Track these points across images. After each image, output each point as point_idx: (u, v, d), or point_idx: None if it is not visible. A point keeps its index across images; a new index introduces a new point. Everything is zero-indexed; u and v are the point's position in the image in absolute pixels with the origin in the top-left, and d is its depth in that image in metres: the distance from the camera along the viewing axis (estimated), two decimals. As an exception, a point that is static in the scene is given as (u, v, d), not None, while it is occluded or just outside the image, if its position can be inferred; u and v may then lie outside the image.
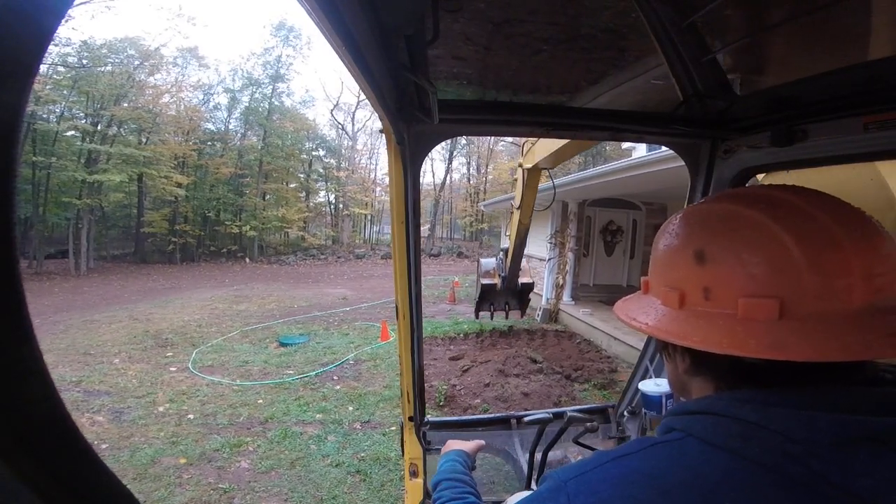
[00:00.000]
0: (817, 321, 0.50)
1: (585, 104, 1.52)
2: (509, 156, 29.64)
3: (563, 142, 4.79)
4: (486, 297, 7.64)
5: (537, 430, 1.63)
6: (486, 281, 7.41)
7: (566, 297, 10.84)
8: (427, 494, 1.92)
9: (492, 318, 7.96)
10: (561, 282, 10.94)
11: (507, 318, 8.33)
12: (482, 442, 1.37)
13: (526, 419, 1.70)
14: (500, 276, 7.35)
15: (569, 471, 0.58)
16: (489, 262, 7.58)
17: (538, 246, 12.19)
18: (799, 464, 0.47)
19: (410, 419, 1.95)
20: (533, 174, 6.07)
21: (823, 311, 0.50)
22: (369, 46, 0.78)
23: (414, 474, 1.94)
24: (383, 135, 1.30)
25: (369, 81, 0.82)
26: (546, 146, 5.33)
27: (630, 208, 11.51)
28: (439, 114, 1.10)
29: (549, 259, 11.23)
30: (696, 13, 1.16)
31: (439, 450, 2.06)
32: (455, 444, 1.33)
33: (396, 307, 1.71)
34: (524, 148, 6.05)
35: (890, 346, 0.48)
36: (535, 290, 12.22)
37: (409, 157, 1.36)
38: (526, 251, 13.57)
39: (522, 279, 7.43)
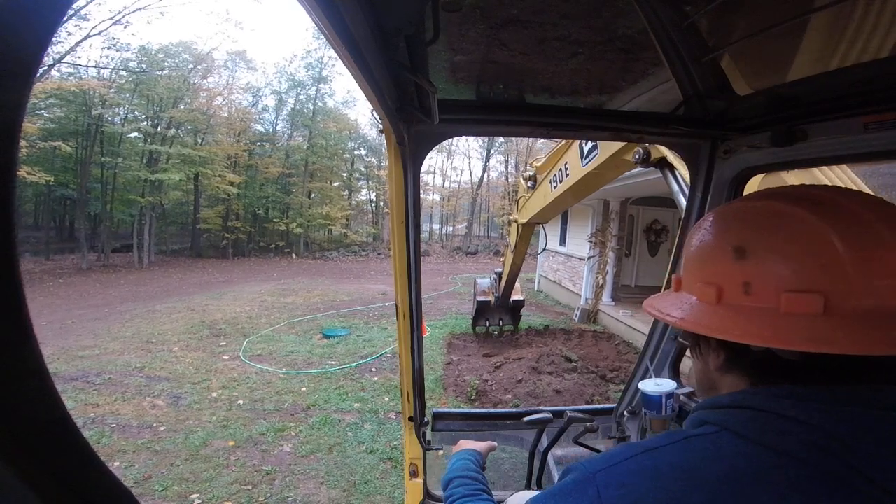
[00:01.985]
0: (861, 317, 0.50)
1: (589, 105, 1.52)
2: (548, 152, 29.13)
3: (555, 197, 4.97)
4: (482, 313, 8.65)
5: (537, 430, 1.64)
6: (481, 298, 8.32)
7: (606, 297, 10.62)
8: (427, 494, 1.95)
9: (487, 331, 8.82)
10: (601, 282, 10.72)
11: (500, 334, 8.94)
12: (494, 444, 1.36)
13: (526, 419, 1.69)
14: (493, 294, 8.25)
15: (596, 462, 0.58)
16: (484, 282, 8.52)
17: (577, 245, 11.99)
18: (836, 459, 0.47)
19: (410, 419, 1.93)
20: (527, 228, 6.45)
21: (868, 308, 0.50)
22: (369, 46, 0.78)
23: (414, 474, 1.94)
24: (383, 135, 1.30)
25: (369, 81, 0.83)
26: (539, 202, 5.56)
27: (676, 207, 11.08)
28: (439, 114, 1.12)
29: (589, 258, 11.02)
30: (696, 13, 1.16)
31: (440, 449, 2.11)
32: (467, 444, 1.31)
33: (396, 307, 1.70)
34: (519, 203, 6.39)
35: None
36: (573, 289, 12.10)
37: (409, 157, 1.36)
38: (565, 250, 13.39)
39: (514, 296, 8.25)
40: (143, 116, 21.64)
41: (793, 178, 1.57)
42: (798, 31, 1.14)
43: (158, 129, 21.37)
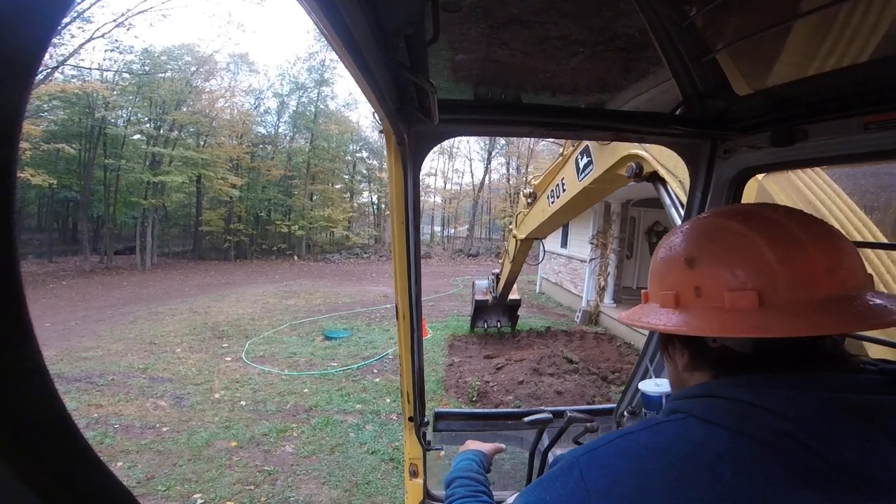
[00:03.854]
0: (792, 308, 0.58)
1: (587, 104, 1.53)
2: (550, 155, 29.16)
3: (553, 212, 5.06)
4: (480, 314, 8.93)
5: (538, 430, 1.64)
6: (479, 297, 8.62)
7: (608, 299, 10.61)
8: (427, 494, 1.95)
9: (485, 331, 9.11)
10: (602, 284, 10.71)
11: (499, 333, 9.17)
12: (501, 445, 1.36)
13: (526, 419, 1.70)
14: (491, 294, 8.54)
15: (579, 450, 0.65)
16: (482, 284, 8.83)
17: (579, 247, 11.98)
18: (790, 438, 0.53)
19: (410, 419, 1.94)
20: (525, 242, 6.61)
21: (796, 299, 0.59)
22: (369, 46, 0.79)
23: (414, 474, 1.94)
24: (384, 136, 1.30)
25: (369, 81, 0.84)
26: (537, 218, 5.65)
27: (676, 208, 11.08)
28: (439, 114, 1.12)
29: (591, 260, 11.02)
30: (696, 13, 1.16)
31: (440, 449, 2.11)
32: (473, 445, 1.32)
33: (396, 307, 1.70)
34: (517, 219, 6.52)
35: (856, 323, 0.57)
36: (574, 291, 12.09)
37: (409, 157, 1.36)
38: (566, 252, 13.43)
39: (511, 296, 8.53)
40: (146, 119, 21.67)
41: (792, 178, 1.57)
42: (798, 31, 1.15)
43: (161, 131, 21.41)
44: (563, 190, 4.76)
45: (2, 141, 0.21)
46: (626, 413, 2.03)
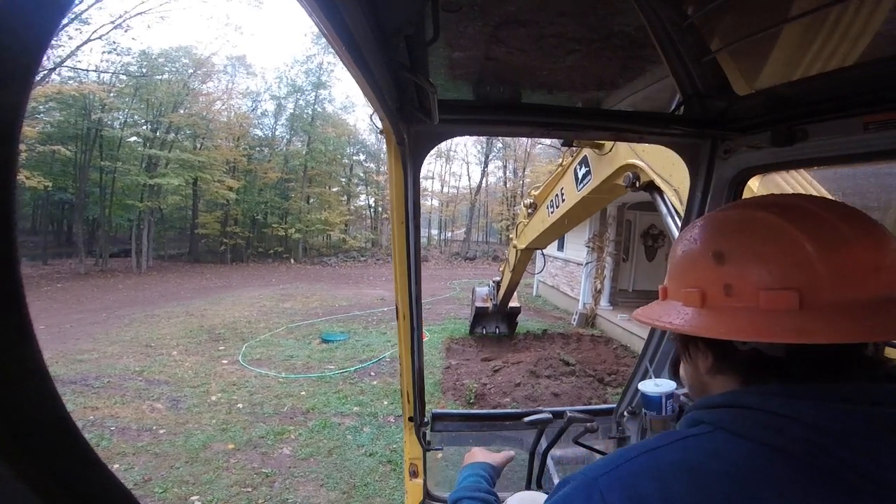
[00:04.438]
0: (836, 309, 0.53)
1: (590, 104, 1.53)
2: (547, 158, 29.25)
3: (553, 222, 5.12)
4: (480, 320, 9.03)
5: (537, 430, 1.64)
6: (479, 304, 8.71)
7: (604, 302, 10.65)
8: (427, 494, 1.94)
9: (483, 334, 9.18)
10: (599, 287, 10.75)
11: (496, 335, 9.21)
12: (511, 453, 1.28)
13: (526, 419, 1.69)
14: (492, 301, 8.64)
15: (596, 468, 0.58)
16: (482, 291, 8.96)
17: (575, 250, 12.02)
18: (828, 454, 0.49)
19: (410, 419, 1.93)
20: (526, 252, 6.72)
21: (840, 300, 0.53)
22: (369, 46, 0.78)
23: (414, 474, 1.93)
24: (383, 137, 1.30)
25: (369, 81, 0.84)
26: (537, 227, 5.78)
27: (672, 211, 11.14)
28: (439, 114, 1.12)
29: (587, 263, 11.06)
30: (696, 13, 1.17)
31: (440, 450, 2.11)
32: (479, 455, 1.21)
33: (396, 308, 1.69)
34: (518, 229, 6.70)
35: None
36: (571, 293, 12.11)
37: (409, 157, 1.36)
38: (563, 255, 13.50)
39: (511, 303, 8.64)
40: (143, 121, 21.56)
41: (791, 178, 1.59)
42: (798, 31, 1.16)
43: (158, 133, 21.32)
44: (563, 200, 4.81)
45: (2, 141, 0.21)
46: (625, 413, 2.02)
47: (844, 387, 0.54)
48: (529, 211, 5.95)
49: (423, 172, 1.52)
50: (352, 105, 30.46)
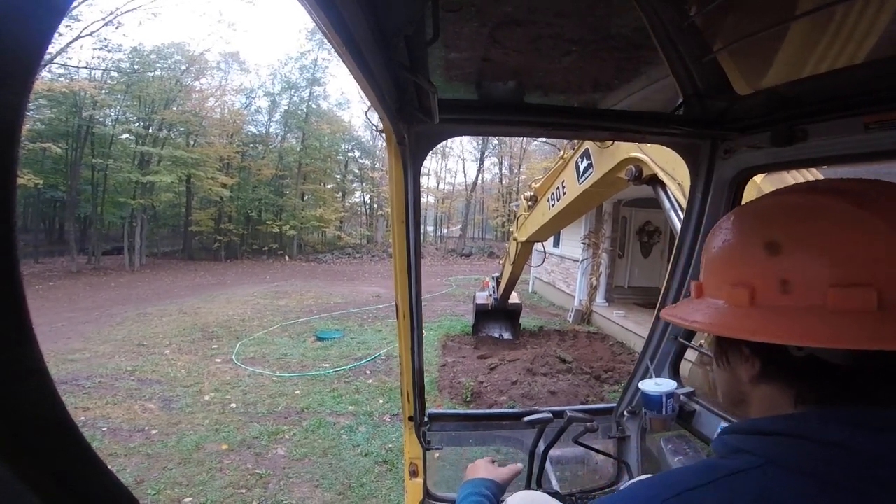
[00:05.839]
0: None
1: (587, 105, 1.53)
2: (542, 155, 29.30)
3: (553, 215, 5.10)
4: (481, 322, 9.05)
5: (537, 429, 1.64)
6: (480, 302, 8.78)
7: (600, 298, 10.68)
8: (427, 494, 1.93)
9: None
10: (594, 283, 10.78)
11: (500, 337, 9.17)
12: (519, 466, 1.21)
13: (526, 419, 1.68)
14: (492, 297, 8.65)
15: None
16: (482, 294, 8.98)
17: (571, 247, 12.04)
18: (888, 489, 0.43)
19: (410, 419, 1.92)
20: (526, 245, 6.70)
21: None
22: (369, 46, 0.78)
23: (414, 474, 1.92)
24: (383, 135, 1.30)
25: (369, 81, 0.83)
26: (537, 221, 5.76)
27: (668, 208, 11.17)
28: (440, 114, 1.12)
29: (583, 260, 11.09)
30: (697, 13, 1.16)
31: (440, 449, 2.10)
32: (482, 470, 1.14)
33: (396, 307, 1.69)
34: (518, 222, 6.68)
35: None
36: (567, 290, 12.14)
37: (409, 157, 1.36)
38: (559, 252, 13.53)
39: (511, 301, 8.69)
40: (135, 118, 21.41)
41: (791, 178, 1.58)
42: (798, 31, 1.15)
43: (150, 130, 21.15)
44: (564, 193, 4.78)
45: (2, 141, 0.21)
46: (626, 413, 2.02)
47: None
48: (530, 204, 5.94)
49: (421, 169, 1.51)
50: (346, 101, 30.42)
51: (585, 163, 4.04)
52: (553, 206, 5.13)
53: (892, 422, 0.47)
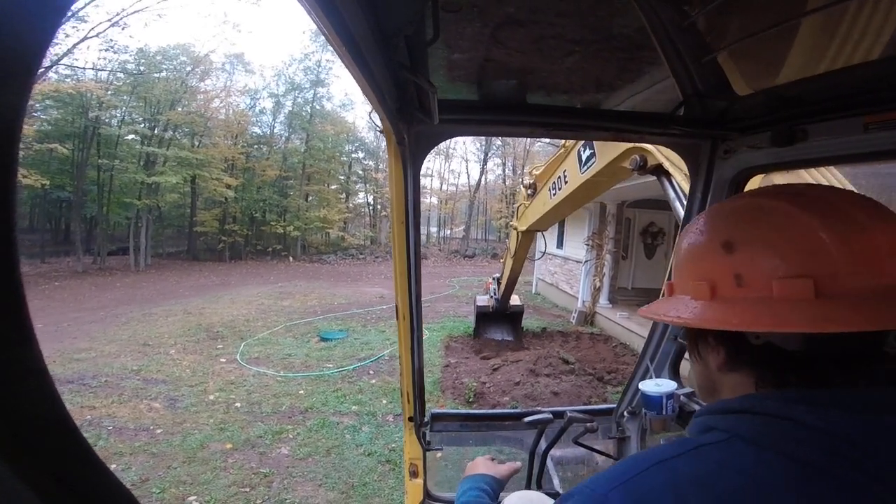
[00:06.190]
0: (854, 297, 0.51)
1: (587, 105, 1.53)
2: (546, 156, 29.25)
3: (554, 204, 5.05)
4: (483, 325, 8.98)
5: (537, 430, 1.64)
6: (480, 304, 8.75)
7: (603, 300, 10.65)
8: (427, 494, 1.93)
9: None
10: (598, 284, 10.75)
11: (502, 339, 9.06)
12: (518, 464, 1.23)
13: (526, 419, 1.68)
14: (493, 298, 8.57)
15: (604, 482, 0.55)
16: (483, 297, 8.95)
17: (574, 248, 12.02)
18: (855, 467, 0.47)
19: (410, 419, 1.92)
20: (527, 235, 6.56)
21: (857, 288, 0.51)
22: (369, 46, 0.78)
23: (414, 474, 1.92)
24: (382, 135, 1.30)
25: (369, 81, 0.83)
26: (538, 210, 5.65)
27: (672, 210, 11.13)
28: (440, 114, 1.12)
29: (586, 261, 11.05)
30: (696, 13, 1.16)
31: (440, 449, 2.10)
32: (481, 467, 1.15)
33: (396, 308, 1.69)
34: (518, 211, 6.55)
35: None
36: (570, 291, 12.12)
37: (409, 157, 1.35)
38: (562, 253, 13.48)
39: (513, 303, 8.60)
40: (141, 119, 21.50)
41: (792, 178, 1.58)
42: (798, 31, 1.15)
43: (155, 131, 21.25)
44: (565, 182, 4.68)
45: (2, 142, 0.21)
46: (626, 413, 2.02)
47: (872, 394, 0.52)
48: (529, 192, 5.83)
49: (422, 170, 1.52)
50: (350, 103, 30.46)
51: (588, 152, 3.96)
52: (554, 195, 5.04)
53: (832, 399, 0.52)
